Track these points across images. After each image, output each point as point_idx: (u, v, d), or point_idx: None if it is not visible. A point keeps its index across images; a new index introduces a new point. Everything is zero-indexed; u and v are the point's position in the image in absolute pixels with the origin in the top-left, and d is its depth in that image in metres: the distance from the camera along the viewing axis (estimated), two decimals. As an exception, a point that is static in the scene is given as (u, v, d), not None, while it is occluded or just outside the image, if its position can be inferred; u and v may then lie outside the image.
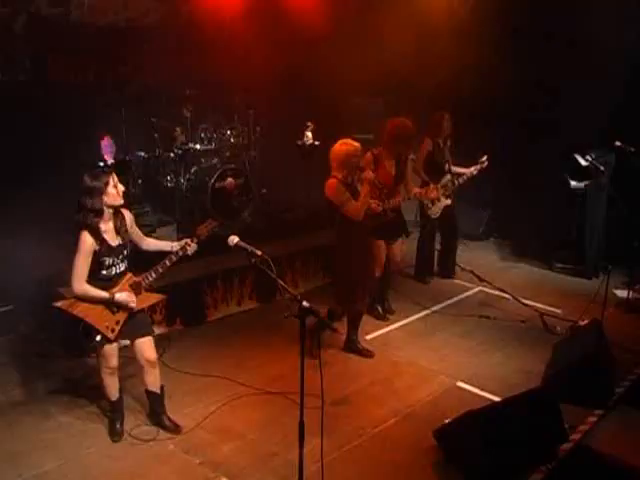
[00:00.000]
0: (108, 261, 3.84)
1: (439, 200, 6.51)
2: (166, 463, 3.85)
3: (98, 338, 3.84)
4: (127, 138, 6.47)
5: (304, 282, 6.69)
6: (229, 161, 7.04)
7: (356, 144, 4.74)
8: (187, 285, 5.72)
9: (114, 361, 3.99)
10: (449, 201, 6.64)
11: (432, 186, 5.88)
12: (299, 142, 7.55)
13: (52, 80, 6.62)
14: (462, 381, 4.88)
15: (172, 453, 3.94)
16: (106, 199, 3.76)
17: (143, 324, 4.07)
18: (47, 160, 6.06)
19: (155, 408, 4.18)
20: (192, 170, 6.80)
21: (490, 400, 4.45)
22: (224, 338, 5.56)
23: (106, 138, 6.15)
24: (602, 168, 6.87)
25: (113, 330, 3.86)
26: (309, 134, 7.48)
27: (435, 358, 5.21)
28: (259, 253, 3.49)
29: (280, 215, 7.44)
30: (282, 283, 3.35)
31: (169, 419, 4.15)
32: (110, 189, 3.76)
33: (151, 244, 4.16)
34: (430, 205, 6.60)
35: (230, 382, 4.74)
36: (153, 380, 4.11)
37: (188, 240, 4.01)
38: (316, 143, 7.51)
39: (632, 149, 6.21)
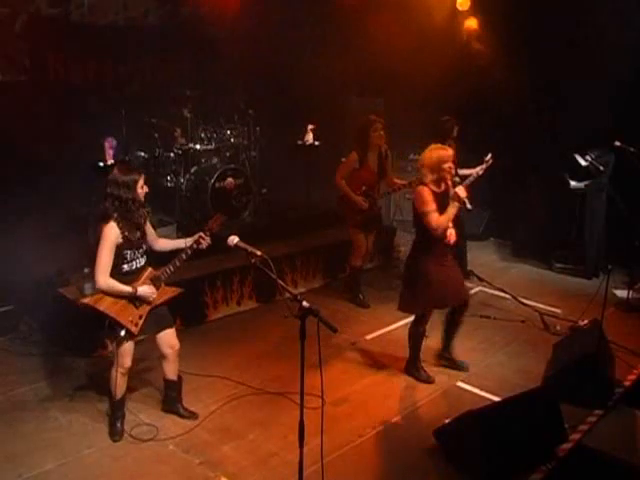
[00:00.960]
0: (130, 254, 3.88)
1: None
2: (166, 463, 3.85)
3: (122, 333, 3.87)
4: (127, 138, 6.47)
5: (304, 282, 6.69)
6: (229, 161, 7.04)
7: (448, 149, 4.60)
8: (187, 285, 5.69)
9: (129, 361, 4.02)
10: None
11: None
12: (299, 142, 7.55)
13: (52, 80, 6.62)
14: (462, 381, 4.88)
15: (172, 453, 3.94)
16: (134, 195, 3.83)
17: (165, 317, 4.12)
18: (47, 160, 6.07)
19: (172, 396, 4.26)
20: (192, 170, 6.80)
21: (490, 400, 4.45)
22: (224, 338, 5.56)
23: (109, 139, 6.16)
24: (602, 168, 6.87)
25: (137, 324, 3.91)
26: (309, 134, 7.48)
27: (435, 358, 5.21)
28: (259, 253, 3.49)
29: (280, 215, 7.44)
30: (282, 283, 3.35)
31: (184, 407, 4.25)
32: (138, 188, 3.85)
33: (164, 244, 4.20)
34: None
35: (230, 382, 4.74)
36: (173, 369, 4.19)
37: (201, 233, 4.02)
38: (316, 143, 7.51)
39: (632, 149, 6.21)
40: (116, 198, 3.79)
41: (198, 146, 6.85)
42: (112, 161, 6.21)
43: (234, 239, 3.60)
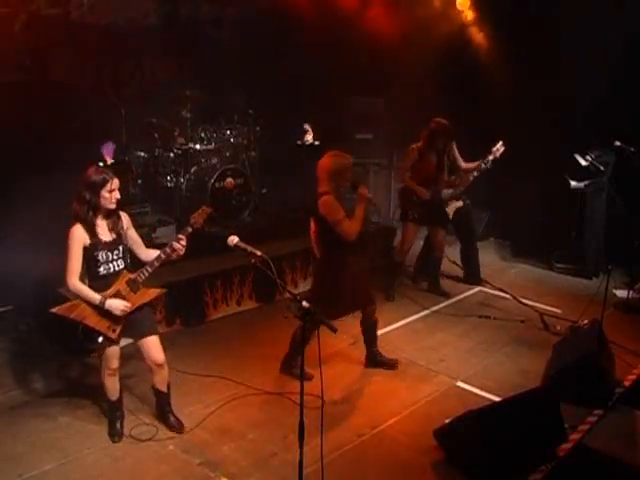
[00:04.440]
0: (102, 256, 3.79)
1: (446, 205, 6.29)
2: (166, 463, 3.84)
3: (100, 340, 3.81)
4: (127, 138, 6.47)
5: (304, 282, 6.69)
6: (229, 161, 7.03)
7: (347, 156, 4.53)
8: (187, 285, 5.72)
9: (115, 362, 3.97)
10: (460, 203, 6.40)
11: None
12: (299, 142, 7.55)
13: (52, 80, 6.62)
14: (462, 381, 4.88)
15: (172, 453, 3.94)
16: (99, 199, 3.75)
17: (147, 323, 4.00)
18: (47, 160, 6.06)
19: (162, 406, 4.18)
20: (192, 170, 6.80)
21: (490, 400, 4.45)
22: (224, 338, 5.56)
23: (108, 143, 6.17)
24: (602, 168, 6.87)
25: (114, 330, 3.82)
26: (309, 134, 7.48)
27: (435, 358, 5.21)
28: (259, 253, 3.49)
29: (280, 215, 7.44)
30: (282, 283, 3.35)
31: (174, 417, 4.15)
32: (104, 192, 3.74)
33: (150, 254, 3.98)
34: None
35: (230, 382, 4.74)
36: (160, 380, 4.09)
37: (179, 235, 3.93)
38: (316, 143, 7.50)
39: (632, 149, 6.21)
40: (81, 199, 3.73)
41: (198, 146, 6.85)
42: (112, 161, 6.22)
43: (234, 239, 3.60)
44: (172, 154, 6.79)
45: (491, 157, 6.04)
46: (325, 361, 3.51)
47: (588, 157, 6.87)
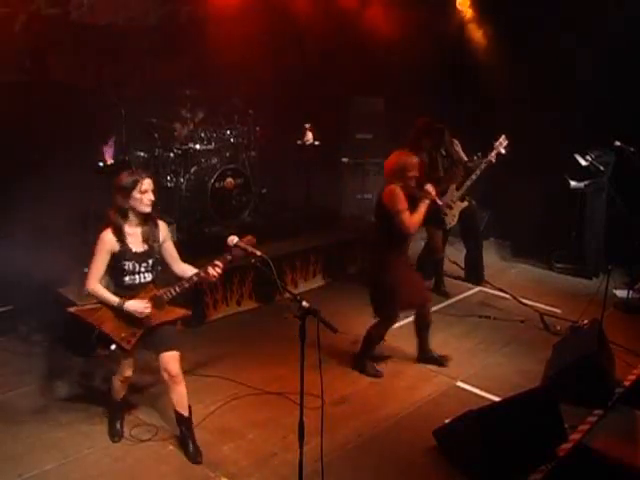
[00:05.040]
0: (128, 266, 3.69)
1: (451, 207, 6.24)
2: (166, 463, 3.84)
3: (113, 347, 3.70)
4: (127, 138, 6.47)
5: (304, 282, 6.69)
6: (229, 161, 7.03)
7: (412, 155, 4.59)
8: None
9: (129, 372, 3.91)
10: (465, 203, 6.34)
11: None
12: (299, 142, 7.55)
13: (52, 80, 6.62)
14: (462, 381, 4.88)
15: (172, 453, 3.94)
16: (132, 202, 3.65)
17: (168, 337, 3.82)
18: (47, 160, 6.06)
19: (182, 431, 3.92)
20: (192, 170, 6.80)
21: (490, 400, 4.45)
22: (224, 338, 5.56)
23: (110, 141, 6.17)
24: (602, 168, 6.87)
25: (129, 341, 3.70)
26: (309, 134, 7.48)
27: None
28: (258, 253, 3.49)
29: (280, 215, 7.44)
30: (282, 283, 3.34)
31: (195, 446, 3.88)
32: (136, 194, 3.63)
33: (185, 270, 3.84)
34: (446, 211, 6.23)
35: (230, 382, 4.74)
36: (178, 399, 3.85)
37: (216, 262, 3.70)
38: (316, 143, 7.50)
39: (632, 149, 6.21)
40: (114, 204, 3.66)
41: (198, 146, 6.84)
42: (112, 161, 6.22)
43: (234, 239, 3.61)
44: (172, 154, 6.79)
45: (494, 152, 6.00)
46: (325, 361, 3.50)
47: (588, 157, 6.87)
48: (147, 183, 3.67)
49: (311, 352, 3.03)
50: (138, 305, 3.67)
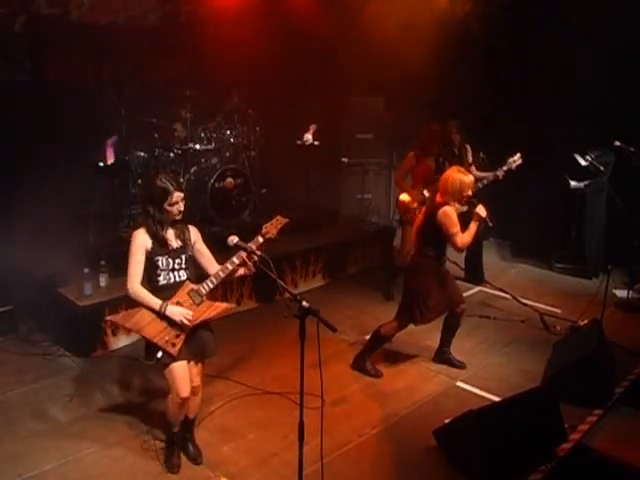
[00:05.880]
0: (162, 262, 3.55)
1: None
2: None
3: (159, 355, 3.49)
4: (127, 138, 6.47)
5: (304, 282, 6.69)
6: (229, 161, 7.03)
7: (470, 175, 4.69)
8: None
9: (187, 389, 3.56)
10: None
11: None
12: (299, 142, 7.54)
13: (52, 80, 6.62)
14: (462, 381, 4.88)
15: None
16: (162, 212, 3.55)
17: (207, 343, 3.71)
18: (47, 160, 6.06)
19: (183, 432, 3.89)
20: (192, 170, 6.80)
21: (490, 400, 4.45)
22: (224, 338, 5.53)
23: (110, 141, 6.17)
24: (602, 168, 6.87)
25: (174, 345, 3.48)
26: (309, 134, 7.48)
27: (434, 358, 5.20)
28: (259, 253, 3.49)
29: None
30: (282, 283, 3.34)
31: (194, 446, 3.90)
32: (166, 206, 3.52)
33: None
34: None
35: (230, 382, 4.74)
36: (191, 406, 3.78)
37: (251, 246, 3.62)
38: (316, 143, 7.50)
39: (632, 149, 6.20)
40: (145, 211, 3.57)
41: (198, 146, 6.84)
42: (112, 161, 6.22)
43: (234, 239, 3.60)
44: (172, 154, 6.79)
45: (505, 167, 5.92)
46: (325, 361, 3.50)
47: (588, 157, 6.87)
48: (177, 196, 3.53)
49: (311, 352, 3.03)
50: (179, 311, 3.49)
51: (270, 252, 3.56)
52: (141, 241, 3.53)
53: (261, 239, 3.69)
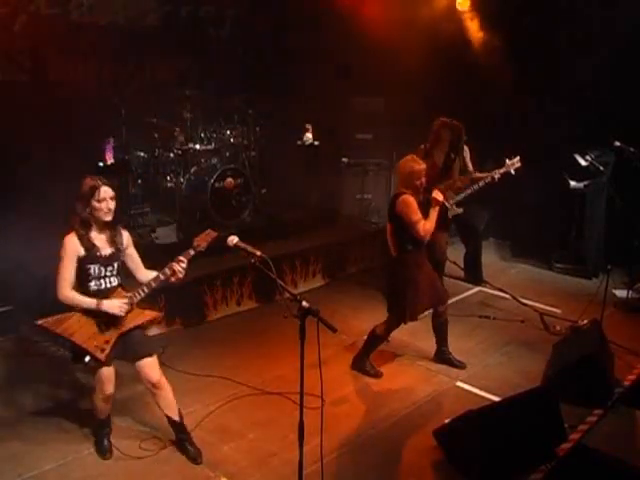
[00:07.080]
0: (94, 270, 3.63)
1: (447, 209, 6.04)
2: (166, 463, 3.84)
3: (87, 359, 3.59)
4: (127, 138, 6.47)
5: (304, 282, 6.69)
6: (229, 161, 7.04)
7: (420, 161, 4.63)
8: (187, 285, 5.70)
9: (110, 388, 3.71)
10: (460, 210, 6.13)
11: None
12: (299, 142, 7.54)
13: (52, 80, 6.62)
14: (462, 381, 4.88)
15: (172, 453, 3.93)
16: (91, 210, 3.59)
17: (142, 343, 3.78)
18: (47, 160, 6.06)
19: (178, 436, 3.92)
20: (192, 170, 6.80)
21: (490, 400, 4.46)
22: (224, 338, 5.56)
23: (110, 141, 6.17)
24: (602, 168, 6.87)
25: (103, 350, 3.59)
26: (309, 134, 7.48)
27: (433, 358, 5.20)
28: (258, 253, 3.49)
29: (280, 215, 7.44)
30: (282, 283, 3.34)
31: (194, 448, 3.88)
32: (94, 202, 3.57)
33: (147, 275, 3.78)
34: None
35: (230, 382, 4.74)
36: (166, 404, 3.81)
37: (180, 257, 3.69)
38: (316, 143, 7.50)
39: (632, 149, 6.20)
40: (75, 210, 3.59)
41: (198, 146, 6.84)
42: (112, 161, 6.22)
43: (233, 239, 3.60)
44: (172, 154, 6.79)
45: (503, 170, 5.81)
46: (325, 361, 3.51)
47: (588, 157, 6.87)
48: (104, 191, 3.57)
49: (311, 352, 3.03)
50: (114, 304, 3.60)
51: (270, 252, 3.55)
52: (72, 247, 3.59)
53: (192, 252, 3.74)
